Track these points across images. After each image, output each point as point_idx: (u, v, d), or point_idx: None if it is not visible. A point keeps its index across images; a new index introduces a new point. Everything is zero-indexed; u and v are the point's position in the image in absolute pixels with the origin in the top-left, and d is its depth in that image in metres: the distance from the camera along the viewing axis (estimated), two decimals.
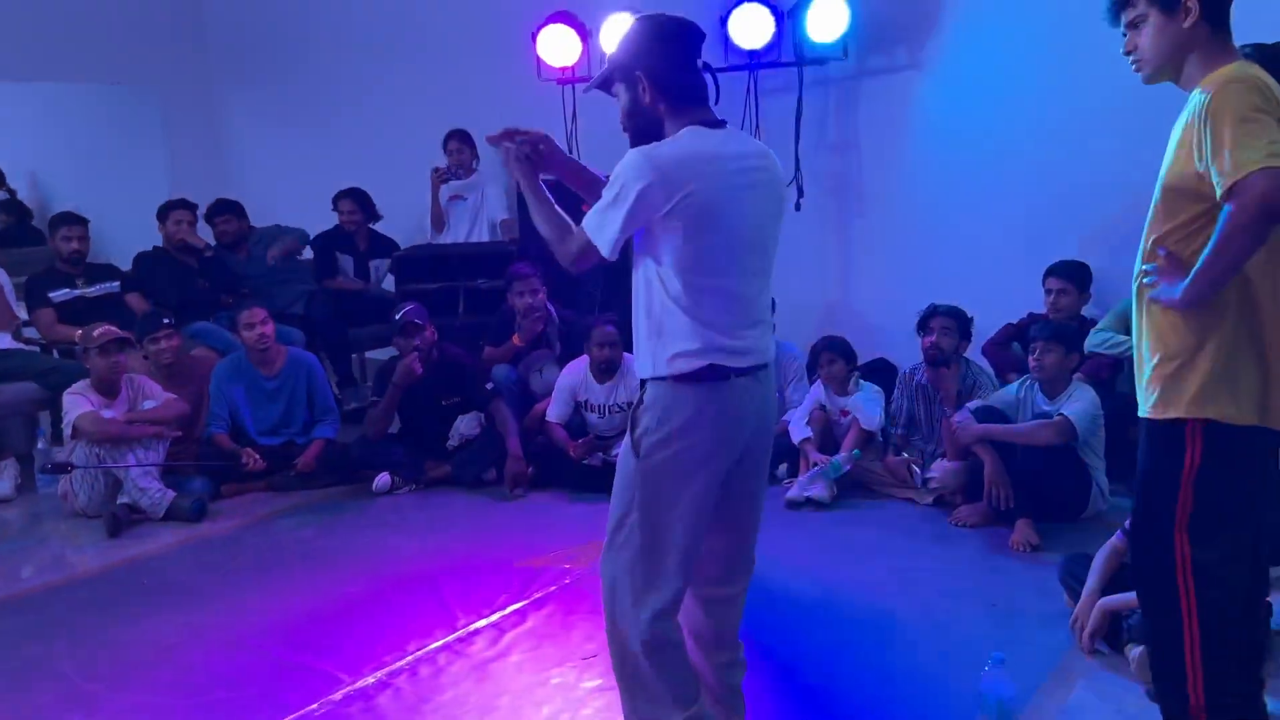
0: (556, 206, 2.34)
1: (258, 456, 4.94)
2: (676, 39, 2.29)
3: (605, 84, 2.39)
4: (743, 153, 2.29)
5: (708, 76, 2.33)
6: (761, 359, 2.32)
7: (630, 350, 3.22)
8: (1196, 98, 2.11)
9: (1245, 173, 1.99)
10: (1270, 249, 2.10)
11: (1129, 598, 2.91)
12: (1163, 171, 2.22)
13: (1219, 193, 2.04)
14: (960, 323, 4.43)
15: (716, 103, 2.35)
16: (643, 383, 2.31)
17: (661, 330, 2.25)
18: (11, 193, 9.79)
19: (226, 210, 6.37)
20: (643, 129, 2.31)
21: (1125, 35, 2.29)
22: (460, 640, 3.31)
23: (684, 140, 2.23)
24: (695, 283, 2.21)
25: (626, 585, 2.32)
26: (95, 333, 4.72)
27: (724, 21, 5.17)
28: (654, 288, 2.26)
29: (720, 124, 2.30)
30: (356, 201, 6.45)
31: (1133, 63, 2.29)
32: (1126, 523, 3.07)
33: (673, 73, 2.28)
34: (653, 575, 2.31)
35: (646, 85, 2.28)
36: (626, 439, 2.32)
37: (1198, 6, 2.16)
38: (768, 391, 2.38)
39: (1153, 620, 2.36)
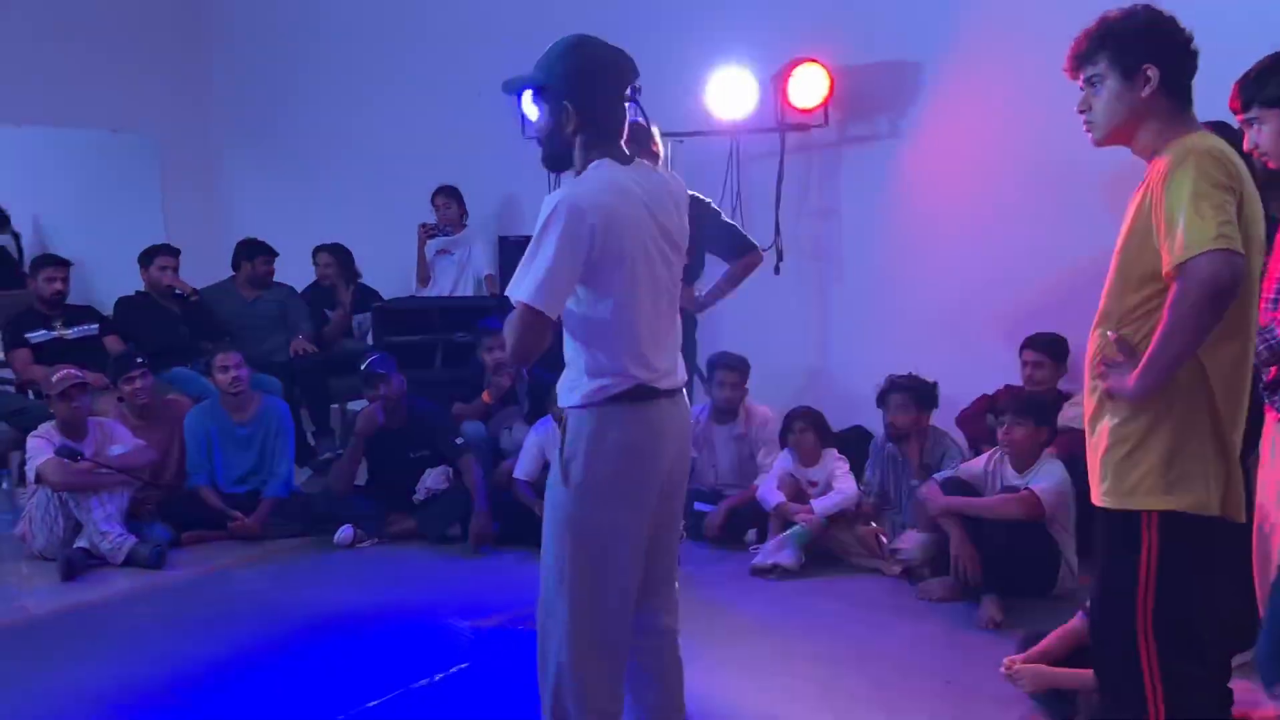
0: None
1: (248, 521, 4.88)
2: (610, 72, 2.27)
3: (527, 90, 2.39)
4: (650, 184, 2.29)
5: (635, 108, 2.31)
6: (679, 382, 2.34)
7: None
8: (1158, 166, 2.03)
9: (1193, 253, 1.90)
10: (1219, 328, 1.98)
11: (1075, 675, 2.83)
12: (1120, 241, 2.13)
13: (1165, 271, 1.96)
14: (916, 396, 4.39)
15: (649, 125, 2.42)
16: (566, 412, 2.27)
17: (585, 360, 2.24)
18: (16, 236, 9.86)
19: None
20: (558, 150, 2.30)
21: (1082, 90, 2.19)
22: (405, 697, 3.22)
23: (599, 176, 2.22)
24: (614, 310, 2.21)
25: (563, 625, 2.26)
26: (55, 377, 4.67)
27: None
28: (575, 320, 2.25)
29: (629, 160, 2.29)
30: (333, 254, 6.58)
31: (1085, 122, 2.20)
32: (1087, 602, 3.00)
33: (599, 108, 2.25)
34: (595, 614, 2.26)
35: (572, 116, 2.24)
36: (554, 470, 2.28)
37: (1157, 76, 2.08)
38: (685, 413, 2.41)
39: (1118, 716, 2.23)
